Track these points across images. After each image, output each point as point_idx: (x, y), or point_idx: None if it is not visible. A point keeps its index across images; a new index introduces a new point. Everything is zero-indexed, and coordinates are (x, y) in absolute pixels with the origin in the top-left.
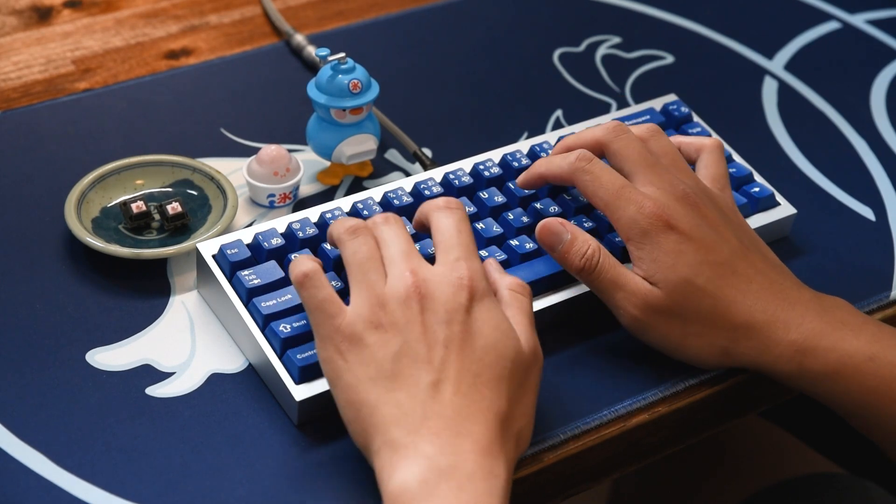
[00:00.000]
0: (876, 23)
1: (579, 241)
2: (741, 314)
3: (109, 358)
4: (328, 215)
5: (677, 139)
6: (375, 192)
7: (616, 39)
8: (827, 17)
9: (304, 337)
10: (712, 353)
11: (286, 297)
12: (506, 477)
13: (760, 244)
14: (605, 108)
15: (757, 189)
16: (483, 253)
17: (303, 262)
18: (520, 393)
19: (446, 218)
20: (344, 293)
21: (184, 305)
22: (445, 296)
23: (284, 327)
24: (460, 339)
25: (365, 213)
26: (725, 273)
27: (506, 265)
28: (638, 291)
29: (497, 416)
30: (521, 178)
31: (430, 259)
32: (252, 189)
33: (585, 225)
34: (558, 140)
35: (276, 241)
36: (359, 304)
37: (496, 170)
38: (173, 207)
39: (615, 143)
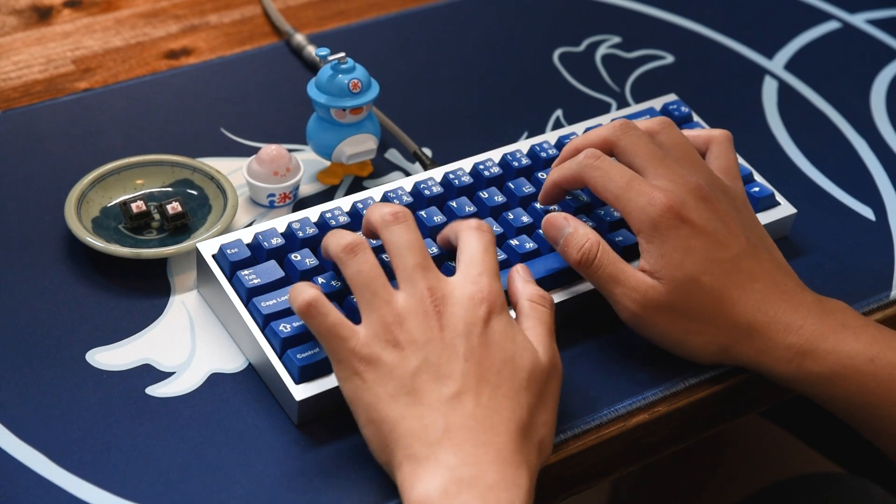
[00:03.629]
0: (876, 23)
1: (579, 234)
2: (743, 314)
3: (109, 358)
4: (328, 215)
5: (685, 133)
6: (375, 192)
7: (616, 39)
8: (827, 17)
9: (304, 337)
10: (711, 351)
11: (286, 297)
12: (528, 487)
13: (768, 240)
14: (605, 108)
15: (757, 189)
16: None
17: (303, 291)
18: (540, 403)
19: (477, 239)
20: (342, 295)
21: (184, 305)
22: (464, 310)
23: (284, 327)
24: (479, 351)
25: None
26: (731, 270)
27: (505, 265)
28: (638, 287)
29: (518, 426)
30: (540, 196)
31: (436, 259)
32: (252, 189)
33: (587, 224)
34: (559, 140)
35: (276, 241)
36: (372, 323)
37: (496, 170)
38: (173, 207)
39: (623, 139)
